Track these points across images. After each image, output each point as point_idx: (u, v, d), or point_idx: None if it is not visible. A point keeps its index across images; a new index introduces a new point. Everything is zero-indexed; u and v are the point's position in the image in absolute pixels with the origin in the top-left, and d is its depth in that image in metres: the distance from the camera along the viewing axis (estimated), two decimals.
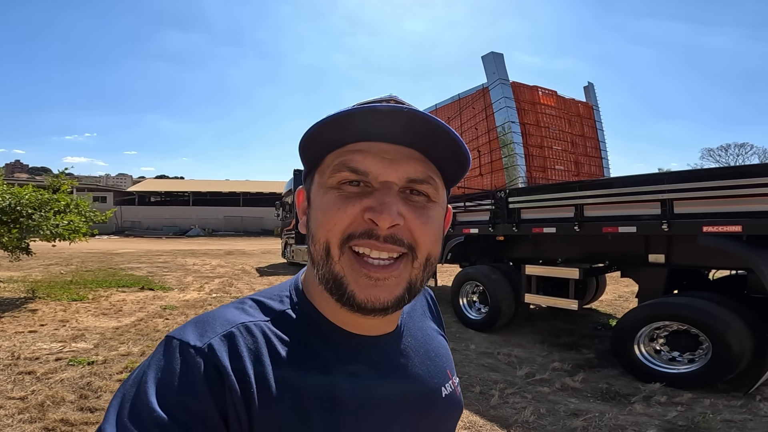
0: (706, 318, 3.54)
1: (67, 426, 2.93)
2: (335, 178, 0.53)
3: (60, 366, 4.06)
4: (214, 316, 0.55)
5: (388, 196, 0.51)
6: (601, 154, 7.03)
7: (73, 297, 7.40)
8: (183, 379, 0.47)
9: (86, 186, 45.26)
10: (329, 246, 0.52)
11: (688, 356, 3.77)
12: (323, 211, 0.53)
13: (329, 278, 0.53)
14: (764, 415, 3.22)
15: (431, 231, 0.54)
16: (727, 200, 3.42)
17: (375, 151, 0.53)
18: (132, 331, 5.41)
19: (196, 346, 0.49)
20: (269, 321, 0.56)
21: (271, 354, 0.52)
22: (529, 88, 6.47)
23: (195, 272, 12.18)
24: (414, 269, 0.54)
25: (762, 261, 3.25)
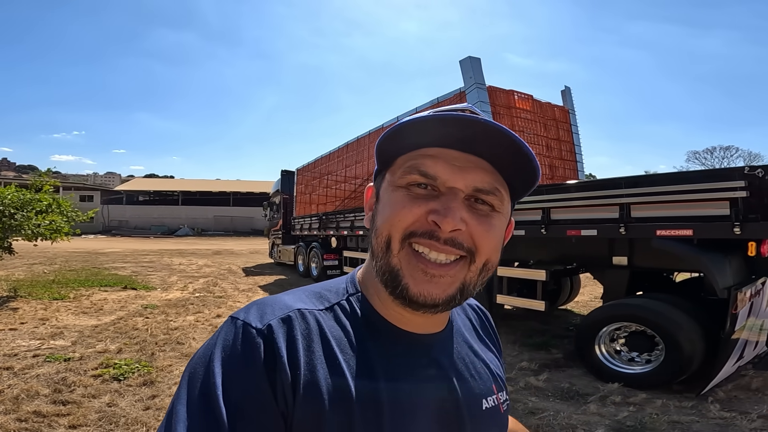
0: (659, 319, 3.66)
1: (39, 417, 3.02)
2: (405, 179, 0.55)
3: (37, 362, 4.14)
4: (274, 300, 0.58)
5: (454, 202, 0.53)
6: (576, 157, 7.21)
7: (55, 296, 7.43)
8: (245, 359, 0.50)
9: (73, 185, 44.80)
10: (390, 239, 0.54)
11: (645, 357, 3.89)
12: (390, 207, 0.56)
13: (386, 270, 0.55)
14: (712, 417, 3.27)
15: (492, 238, 0.55)
16: (679, 205, 3.59)
17: (445, 158, 0.55)
18: (111, 329, 5.47)
19: (257, 327, 0.52)
20: (323, 310, 0.58)
21: (322, 342, 0.55)
22: (505, 92, 6.63)
23: (180, 272, 12.20)
24: (470, 272, 0.55)
25: (711, 263, 3.41)
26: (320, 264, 10.51)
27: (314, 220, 10.98)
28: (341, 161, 10.19)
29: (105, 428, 2.97)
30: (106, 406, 3.28)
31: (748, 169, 3.23)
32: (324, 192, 11.17)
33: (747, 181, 3.21)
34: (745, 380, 3.88)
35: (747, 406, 3.40)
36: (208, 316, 6.49)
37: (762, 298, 3.87)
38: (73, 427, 2.95)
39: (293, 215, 13.05)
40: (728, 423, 3.15)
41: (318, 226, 10.68)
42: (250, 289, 9.46)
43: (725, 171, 3.47)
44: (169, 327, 5.69)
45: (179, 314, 6.53)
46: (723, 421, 3.18)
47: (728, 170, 3.42)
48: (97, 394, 3.48)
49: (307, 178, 12.39)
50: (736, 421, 3.15)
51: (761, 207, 3.19)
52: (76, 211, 7.92)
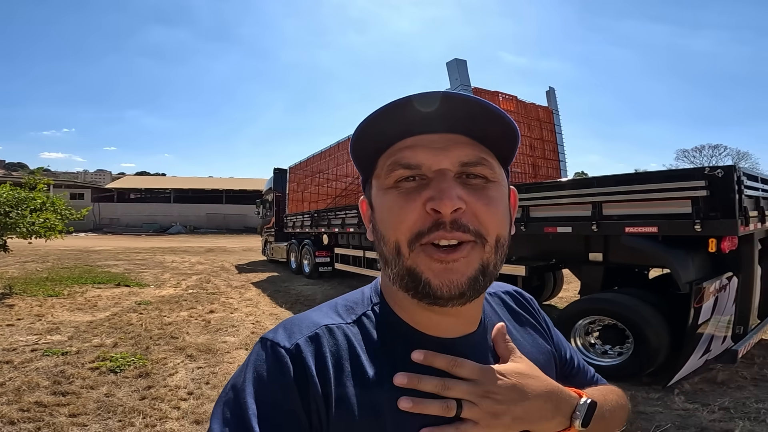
0: (628, 313, 3.84)
1: (40, 407, 3.19)
2: (391, 177, 0.55)
3: (35, 356, 4.30)
4: (300, 319, 0.59)
5: (445, 182, 0.51)
6: (559, 156, 7.43)
7: (49, 293, 7.56)
8: (276, 378, 0.51)
9: (63, 182, 44.49)
10: (399, 245, 0.53)
11: (617, 349, 4.06)
12: (388, 211, 0.55)
13: (403, 274, 0.53)
14: (676, 408, 3.41)
15: (496, 211, 0.54)
16: (645, 203, 3.79)
17: (423, 143, 0.54)
18: (106, 324, 5.63)
19: (285, 347, 0.53)
20: (350, 324, 0.58)
21: (351, 357, 0.55)
22: (490, 93, 6.82)
23: (173, 269, 12.32)
24: (486, 252, 0.53)
25: (675, 259, 3.62)
26: (312, 261, 10.68)
27: (306, 218, 11.14)
28: (332, 160, 10.35)
29: (103, 416, 3.14)
30: (104, 396, 3.45)
31: (709, 170, 3.44)
32: (316, 190, 11.33)
33: (707, 180, 3.41)
34: (712, 374, 4.05)
35: (710, 399, 3.55)
36: (201, 311, 6.66)
37: (728, 294, 4.07)
38: (73, 416, 3.11)
39: (286, 213, 13.19)
40: (690, 414, 3.30)
41: (310, 224, 10.85)
42: (243, 285, 9.61)
43: (687, 171, 3.68)
44: (163, 322, 5.85)
45: (173, 310, 6.69)
46: (685, 412, 3.34)
47: (690, 170, 3.63)
48: (95, 386, 3.65)
49: (299, 176, 12.54)
50: (698, 412, 3.31)
51: (721, 205, 3.40)
52: (69, 209, 8.04)
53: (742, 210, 3.42)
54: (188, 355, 4.52)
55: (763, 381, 3.93)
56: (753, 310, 4.42)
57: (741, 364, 4.26)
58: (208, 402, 3.40)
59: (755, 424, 3.08)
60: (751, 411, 3.30)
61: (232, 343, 5.00)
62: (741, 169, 3.50)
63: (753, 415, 3.22)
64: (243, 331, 5.55)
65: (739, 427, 3.02)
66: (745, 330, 4.09)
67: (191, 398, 3.48)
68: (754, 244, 4.02)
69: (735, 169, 3.39)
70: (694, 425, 3.12)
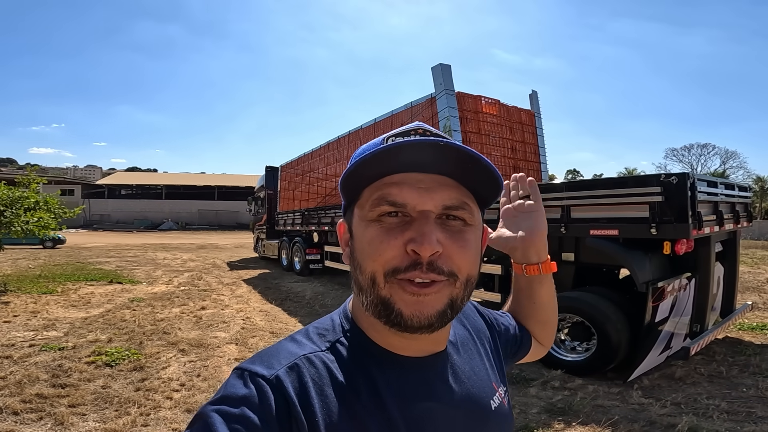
0: (590, 310, 4.08)
1: (41, 399, 3.42)
2: (375, 211, 0.56)
3: (33, 351, 4.51)
4: (277, 350, 0.59)
5: (427, 226, 0.53)
6: (540, 159, 7.71)
7: (43, 290, 7.74)
8: (255, 408, 0.50)
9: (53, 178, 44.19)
10: (375, 276, 0.55)
11: (585, 346, 4.28)
12: (369, 244, 0.56)
13: (377, 303, 0.55)
14: (632, 402, 3.57)
15: (469, 254, 0.57)
16: (608, 207, 4.06)
17: (410, 182, 0.56)
18: (100, 321, 5.84)
19: (264, 376, 0.53)
20: (326, 351, 0.59)
21: (332, 384, 0.55)
22: (473, 97, 7.07)
23: (165, 266, 12.48)
24: (456, 289, 0.56)
25: (633, 260, 3.88)
26: (303, 258, 10.91)
27: (297, 216, 11.36)
28: (322, 159, 10.56)
29: (101, 406, 3.37)
30: (100, 388, 3.68)
31: (664, 176, 3.72)
32: (306, 188, 11.53)
33: (663, 187, 3.69)
34: (671, 370, 4.28)
35: (665, 394, 3.73)
36: (192, 308, 6.88)
37: (687, 294, 4.30)
38: (72, 406, 3.34)
39: (277, 210, 13.39)
40: (643, 408, 3.51)
41: (301, 222, 11.07)
42: (234, 282, 9.82)
43: (645, 177, 3.96)
44: (155, 318, 6.07)
45: (165, 306, 6.90)
46: (639, 406, 3.55)
47: (647, 177, 3.91)
48: (92, 378, 3.87)
49: (290, 175, 12.73)
50: (651, 407, 3.48)
51: (675, 211, 3.68)
52: (62, 207, 8.19)
53: (696, 215, 3.70)
54: (180, 349, 4.75)
55: (718, 378, 4.14)
56: (712, 309, 4.69)
57: (701, 360, 4.53)
58: (198, 393, 3.64)
59: (701, 420, 3.26)
60: (701, 407, 3.50)
61: (222, 338, 5.24)
62: (695, 175, 3.77)
63: (701, 411, 3.42)
64: (233, 327, 5.79)
65: (684, 421, 3.18)
66: (702, 328, 4.36)
67: (183, 389, 3.72)
68: (710, 246, 4.31)
69: (688, 176, 3.66)
70: (644, 419, 3.31)
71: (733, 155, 49.47)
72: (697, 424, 3.20)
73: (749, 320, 6.05)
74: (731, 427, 3.17)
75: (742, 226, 5.01)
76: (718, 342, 5.10)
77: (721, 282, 5.04)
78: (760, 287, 8.95)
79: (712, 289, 4.47)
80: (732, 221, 4.67)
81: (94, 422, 3.12)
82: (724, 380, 4.07)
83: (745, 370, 4.30)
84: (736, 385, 3.94)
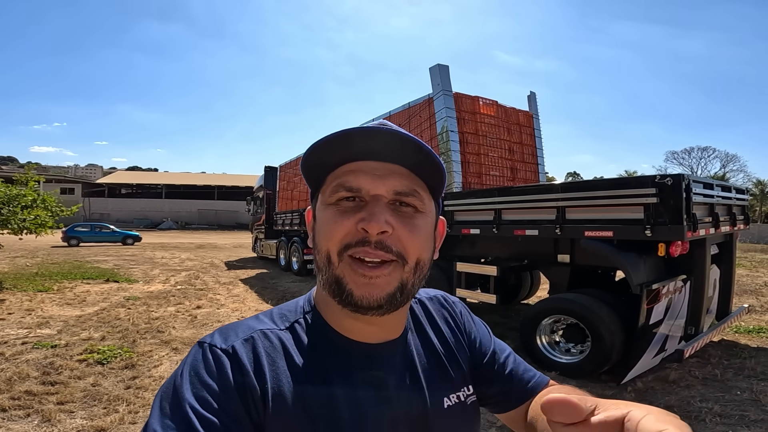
0: (584, 312, 4.06)
1: (30, 396, 3.40)
2: (334, 196, 0.60)
3: (26, 348, 4.49)
4: (237, 325, 0.63)
5: (377, 207, 0.57)
6: (538, 160, 7.67)
7: (39, 288, 7.73)
8: (213, 375, 0.54)
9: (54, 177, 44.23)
10: (329, 254, 0.58)
11: (579, 347, 4.25)
12: (325, 225, 0.60)
13: (332, 281, 0.59)
14: None
15: (418, 238, 0.60)
16: (603, 209, 4.04)
17: (366, 169, 0.59)
18: (94, 319, 5.82)
19: (222, 347, 0.57)
20: (283, 330, 0.63)
21: (284, 357, 0.59)
22: (471, 98, 7.05)
23: (162, 265, 12.46)
24: (405, 272, 0.59)
25: (627, 262, 3.85)
26: (301, 258, 10.90)
27: (295, 216, 11.34)
28: None
29: (89, 404, 3.35)
30: (90, 386, 3.65)
31: (659, 178, 3.69)
32: (305, 189, 11.42)
33: (658, 188, 3.66)
34: (665, 372, 4.25)
35: (659, 397, 3.71)
36: (188, 307, 6.86)
37: (682, 296, 4.25)
38: (61, 403, 3.32)
39: (276, 210, 13.38)
40: None
41: (299, 222, 11.05)
42: (231, 282, 9.80)
43: (640, 179, 3.92)
44: (150, 317, 6.06)
45: (160, 305, 6.89)
46: None
47: (642, 178, 3.87)
48: (83, 376, 3.85)
49: (289, 175, 12.72)
50: None
51: (670, 212, 3.65)
52: (60, 206, 8.18)
53: (691, 216, 3.67)
54: (173, 348, 4.73)
55: (712, 381, 4.11)
56: (707, 312, 4.65)
57: (696, 363, 4.50)
58: None
59: (694, 423, 3.21)
60: (694, 410, 3.47)
61: None
62: (690, 177, 3.75)
63: (694, 414, 3.40)
64: None
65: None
66: (696, 331, 4.32)
67: None
68: (706, 248, 4.28)
69: (683, 178, 3.63)
70: None
71: (734, 158, 49.52)
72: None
73: (745, 323, 6.02)
74: (723, 431, 3.15)
75: (739, 228, 4.98)
76: (713, 345, 5.07)
77: (717, 285, 5.01)
78: (758, 290, 8.91)
79: (707, 292, 4.43)
80: (728, 224, 4.64)
81: (81, 419, 3.10)
82: (718, 383, 4.04)
83: (739, 373, 4.27)
84: (730, 388, 3.91)
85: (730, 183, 5.20)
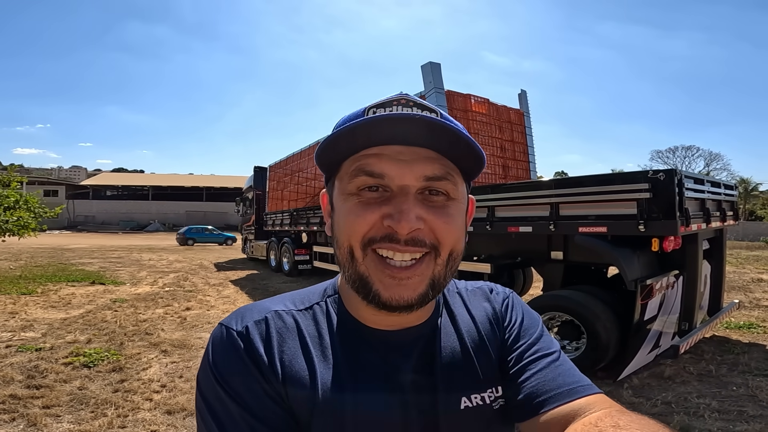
0: (579, 308, 4.05)
1: (15, 399, 3.28)
2: (354, 183, 0.54)
3: (10, 352, 4.36)
4: (254, 305, 0.64)
5: (406, 203, 0.52)
6: (529, 158, 7.70)
7: (23, 291, 7.54)
8: (230, 357, 0.57)
9: (37, 179, 43.45)
10: (352, 249, 0.54)
11: (575, 345, 4.22)
12: (345, 217, 0.55)
13: (356, 278, 0.55)
14: (623, 402, 3.43)
15: (454, 229, 0.55)
16: (596, 204, 4.04)
17: (390, 153, 0.53)
18: (80, 321, 5.68)
19: (237, 330, 0.58)
20: (301, 311, 0.63)
21: (298, 337, 0.60)
22: (463, 96, 7.05)
23: (150, 267, 12.27)
24: (437, 266, 0.55)
25: (621, 257, 3.85)
26: (291, 259, 10.79)
27: (285, 216, 11.24)
28: (311, 159, 10.45)
29: (76, 408, 3.25)
30: (77, 390, 3.55)
31: (652, 173, 3.70)
32: (295, 189, 11.43)
33: (650, 183, 3.66)
34: (660, 369, 4.25)
35: (655, 393, 3.68)
36: (177, 309, 6.73)
37: (675, 292, 4.27)
38: (46, 407, 3.21)
39: (266, 211, 13.26)
40: (634, 407, 3.40)
41: (289, 222, 10.95)
42: (221, 283, 9.67)
43: (633, 174, 3.93)
44: (138, 319, 5.93)
45: (148, 307, 6.75)
46: (630, 405, 3.41)
47: (635, 173, 3.88)
48: (69, 380, 3.74)
49: (279, 175, 12.62)
50: (641, 406, 3.44)
51: (662, 207, 3.66)
52: (43, 207, 8.01)
53: (683, 211, 3.69)
54: (162, 350, 4.63)
55: (707, 377, 4.12)
56: (700, 307, 4.68)
57: (689, 359, 4.51)
58: (180, 394, 3.53)
59: (693, 419, 3.23)
60: (691, 406, 3.47)
61: (207, 339, 5.10)
62: (682, 172, 3.77)
63: (692, 410, 3.39)
64: None
65: (675, 421, 3.15)
66: (690, 326, 4.34)
67: (164, 391, 3.60)
68: (698, 243, 4.30)
69: (676, 173, 3.65)
70: None
71: (717, 157, 50.37)
72: (689, 423, 3.17)
73: (736, 319, 6.09)
74: (723, 426, 3.14)
75: (729, 224, 5.03)
76: (706, 341, 5.10)
77: (708, 280, 5.05)
78: (745, 287, 9.04)
79: (699, 287, 4.46)
80: (719, 219, 4.68)
81: (68, 423, 3.00)
82: (713, 379, 4.05)
83: (734, 368, 4.29)
84: (725, 383, 3.92)
85: (719, 179, 5.25)
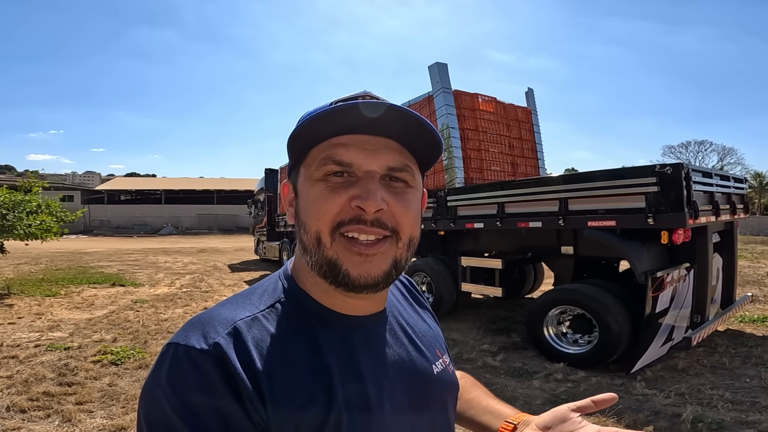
0: (590, 302, 4.10)
1: (48, 396, 3.46)
2: (321, 170, 0.57)
3: (39, 351, 4.55)
4: (210, 316, 0.56)
5: (372, 184, 0.55)
6: (537, 155, 7.74)
7: (46, 293, 7.78)
8: (198, 382, 0.49)
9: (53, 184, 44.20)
10: (320, 234, 0.56)
11: (587, 338, 4.29)
12: (313, 202, 0.57)
13: (323, 263, 0.56)
14: (636, 394, 3.57)
15: (411, 214, 0.59)
16: (605, 199, 4.10)
17: (357, 143, 0.57)
18: (104, 321, 5.88)
19: (202, 349, 0.51)
20: (267, 311, 0.58)
21: (275, 343, 0.55)
22: (470, 95, 7.11)
23: (166, 269, 12.50)
24: (398, 249, 0.58)
25: (631, 250, 3.92)
26: None
27: None
28: None
29: (108, 403, 3.41)
30: (107, 386, 3.71)
31: (659, 167, 3.76)
32: None
33: (658, 177, 3.73)
34: (674, 361, 4.28)
35: (668, 385, 3.74)
36: (195, 308, 6.91)
37: (687, 284, 4.30)
38: (79, 404, 3.37)
39: (277, 212, 13.42)
40: (647, 399, 3.49)
41: None
42: (236, 284, 9.84)
43: (641, 169, 3.98)
44: (159, 318, 6.12)
45: (168, 307, 6.94)
46: (643, 397, 3.55)
47: (643, 168, 3.94)
48: (98, 377, 3.91)
49: None
50: (654, 397, 3.50)
51: (671, 200, 3.72)
52: (64, 211, 8.24)
53: (691, 204, 3.74)
54: None
55: (721, 369, 4.15)
56: (712, 301, 4.70)
57: (702, 352, 4.55)
58: None
59: (706, 409, 3.28)
60: (705, 397, 3.52)
61: None
62: (690, 166, 3.82)
63: (706, 401, 3.43)
64: None
65: (688, 411, 3.20)
66: (702, 319, 4.37)
67: None
68: (708, 236, 4.34)
69: (683, 167, 3.70)
70: (648, 409, 3.33)
71: (731, 152, 49.58)
72: (702, 413, 3.21)
73: (750, 312, 6.09)
74: (736, 416, 3.18)
75: (739, 217, 5.05)
76: (719, 334, 5.12)
77: (720, 273, 5.07)
78: (760, 281, 8.98)
79: (711, 280, 4.50)
80: (728, 212, 4.71)
81: (101, 419, 3.16)
82: (726, 371, 4.08)
83: (747, 361, 4.32)
84: (739, 375, 3.96)
85: (728, 172, 5.26)
